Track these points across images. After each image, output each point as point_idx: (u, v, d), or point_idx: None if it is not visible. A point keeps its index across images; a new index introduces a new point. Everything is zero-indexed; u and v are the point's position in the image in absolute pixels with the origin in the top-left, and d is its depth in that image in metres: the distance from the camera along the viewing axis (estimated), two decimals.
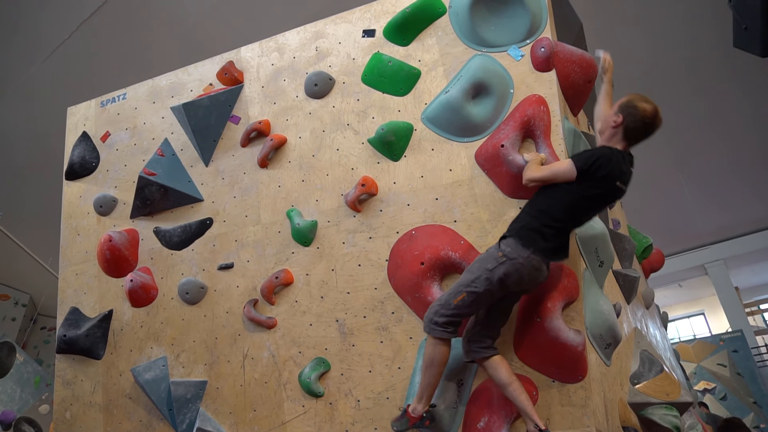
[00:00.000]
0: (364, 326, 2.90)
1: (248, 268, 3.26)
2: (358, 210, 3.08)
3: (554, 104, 2.87)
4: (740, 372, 8.71)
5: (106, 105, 4.11)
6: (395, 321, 2.84)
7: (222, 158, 3.57)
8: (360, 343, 2.89)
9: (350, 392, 2.84)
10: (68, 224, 3.91)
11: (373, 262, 2.97)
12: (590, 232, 2.83)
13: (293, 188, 3.30)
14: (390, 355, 2.82)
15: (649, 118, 2.51)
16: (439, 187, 2.96)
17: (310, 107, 3.41)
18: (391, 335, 2.83)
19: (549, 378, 2.51)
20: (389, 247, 2.95)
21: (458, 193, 2.90)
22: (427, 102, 3.13)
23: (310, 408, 2.89)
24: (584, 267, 2.75)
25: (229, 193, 3.47)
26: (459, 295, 2.39)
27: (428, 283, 2.78)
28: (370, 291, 2.93)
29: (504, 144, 2.80)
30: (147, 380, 3.26)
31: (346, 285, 3.00)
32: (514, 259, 2.35)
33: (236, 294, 3.25)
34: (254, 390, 3.05)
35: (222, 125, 3.61)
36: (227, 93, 3.65)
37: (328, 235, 3.12)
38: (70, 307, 3.67)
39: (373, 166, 3.13)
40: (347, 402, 2.83)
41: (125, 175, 3.81)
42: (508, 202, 2.79)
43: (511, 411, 2.48)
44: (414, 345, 2.78)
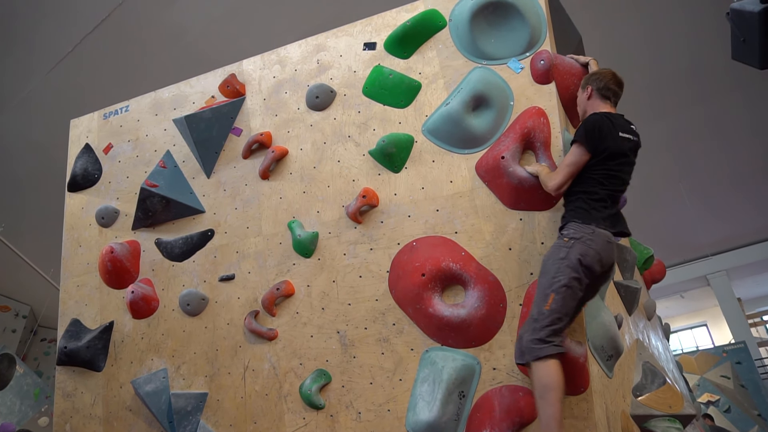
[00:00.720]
0: (365, 338, 2.89)
1: (249, 280, 3.26)
2: (359, 221, 3.08)
3: (554, 116, 2.89)
4: (744, 384, 8.65)
5: (108, 117, 4.14)
6: (396, 332, 2.84)
7: (224, 170, 3.59)
8: (361, 355, 2.88)
9: (351, 404, 2.83)
10: (70, 235, 3.92)
11: (374, 273, 2.97)
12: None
13: (294, 200, 3.31)
14: (391, 367, 2.81)
15: (611, 74, 2.73)
16: (440, 198, 2.97)
17: (312, 119, 3.43)
18: (393, 347, 2.82)
19: None
20: (390, 259, 2.96)
21: (459, 205, 2.91)
22: (427, 114, 3.15)
23: (311, 420, 2.88)
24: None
25: (231, 205, 3.48)
26: (547, 299, 2.30)
27: (429, 294, 2.78)
28: (371, 302, 2.93)
29: (504, 156, 2.81)
30: (147, 392, 3.25)
31: (347, 296, 2.99)
32: (581, 238, 2.36)
33: (237, 305, 3.25)
34: (255, 402, 3.03)
35: (224, 137, 3.63)
36: (229, 105, 3.67)
37: (329, 247, 3.12)
38: (71, 319, 3.66)
39: (374, 178, 3.15)
40: (348, 414, 2.82)
41: (127, 187, 3.83)
42: (508, 213, 2.80)
43: (513, 423, 2.47)
44: (415, 357, 2.77)
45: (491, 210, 2.84)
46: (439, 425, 2.55)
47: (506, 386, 2.57)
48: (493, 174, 2.85)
